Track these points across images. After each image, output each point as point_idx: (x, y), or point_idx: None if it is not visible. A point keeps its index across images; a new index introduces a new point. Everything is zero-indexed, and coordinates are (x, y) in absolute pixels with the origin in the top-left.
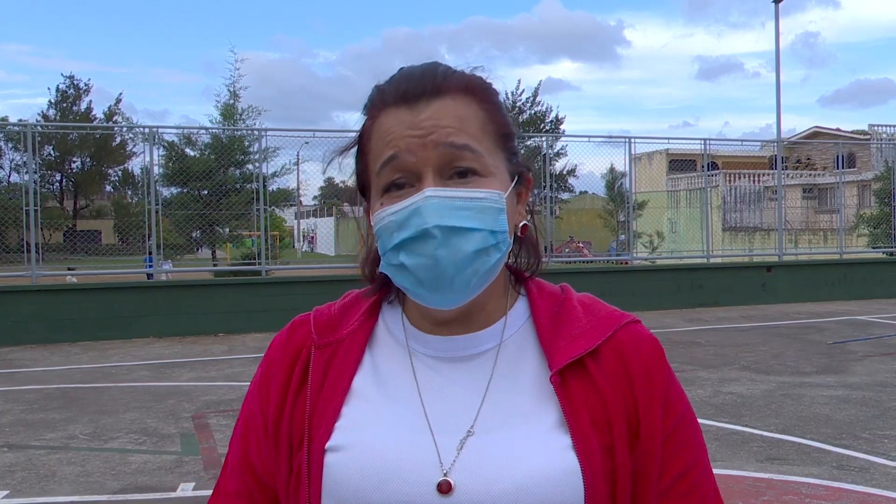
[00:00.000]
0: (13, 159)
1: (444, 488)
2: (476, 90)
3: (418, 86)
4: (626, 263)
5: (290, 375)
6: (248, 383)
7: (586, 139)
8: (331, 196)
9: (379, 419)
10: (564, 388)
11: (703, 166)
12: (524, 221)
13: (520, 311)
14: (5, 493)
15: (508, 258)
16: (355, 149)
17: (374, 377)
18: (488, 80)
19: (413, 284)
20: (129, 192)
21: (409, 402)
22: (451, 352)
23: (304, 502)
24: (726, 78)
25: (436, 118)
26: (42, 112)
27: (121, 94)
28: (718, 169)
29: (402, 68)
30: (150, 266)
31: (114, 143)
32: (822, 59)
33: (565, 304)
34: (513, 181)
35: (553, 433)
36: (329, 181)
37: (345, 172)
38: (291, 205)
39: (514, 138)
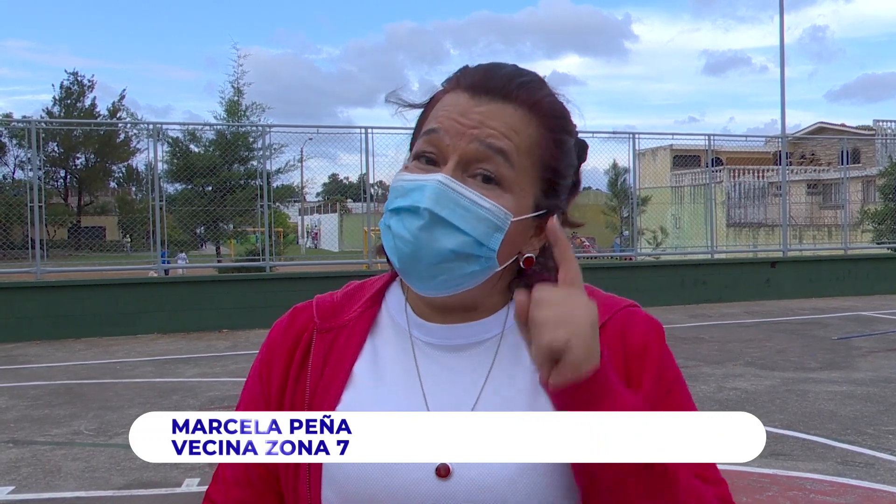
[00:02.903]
0: (17, 156)
1: (443, 472)
2: (543, 112)
3: (490, 82)
4: (630, 259)
5: (291, 360)
6: None
7: (590, 135)
8: (335, 192)
9: (379, 405)
10: None
11: (707, 162)
12: (530, 254)
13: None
14: (11, 488)
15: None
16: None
17: (375, 363)
18: (568, 113)
19: (391, 250)
20: (134, 189)
21: (410, 388)
22: (454, 340)
23: (304, 488)
24: (733, 73)
25: (487, 116)
26: (46, 109)
27: (124, 90)
28: (722, 164)
29: (494, 62)
30: (165, 261)
31: (118, 140)
32: (830, 53)
33: None
34: (536, 211)
35: None
36: (333, 177)
37: (348, 169)
38: (295, 201)
39: (562, 177)
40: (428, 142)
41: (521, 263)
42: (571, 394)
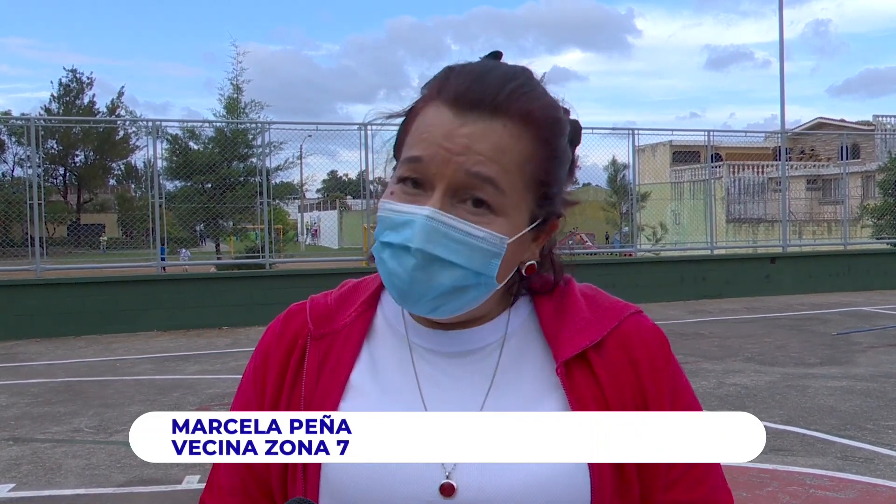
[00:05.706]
0: (17, 153)
1: (448, 492)
2: (536, 123)
3: (477, 93)
4: (630, 255)
5: (286, 367)
6: None
7: (590, 131)
8: (334, 189)
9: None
10: (570, 380)
11: (706, 158)
12: (532, 262)
13: (523, 305)
14: (11, 486)
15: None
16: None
17: (373, 371)
18: (561, 112)
19: (388, 283)
20: (133, 186)
21: (410, 397)
22: (453, 346)
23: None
24: (735, 67)
25: (474, 140)
26: (45, 106)
27: (123, 87)
28: (722, 160)
29: (486, 58)
30: (164, 258)
31: (117, 137)
32: (832, 48)
33: (568, 295)
34: (532, 223)
35: None
36: (332, 174)
37: (347, 166)
38: (295, 198)
39: (557, 185)
40: (413, 169)
41: (524, 272)
42: None
